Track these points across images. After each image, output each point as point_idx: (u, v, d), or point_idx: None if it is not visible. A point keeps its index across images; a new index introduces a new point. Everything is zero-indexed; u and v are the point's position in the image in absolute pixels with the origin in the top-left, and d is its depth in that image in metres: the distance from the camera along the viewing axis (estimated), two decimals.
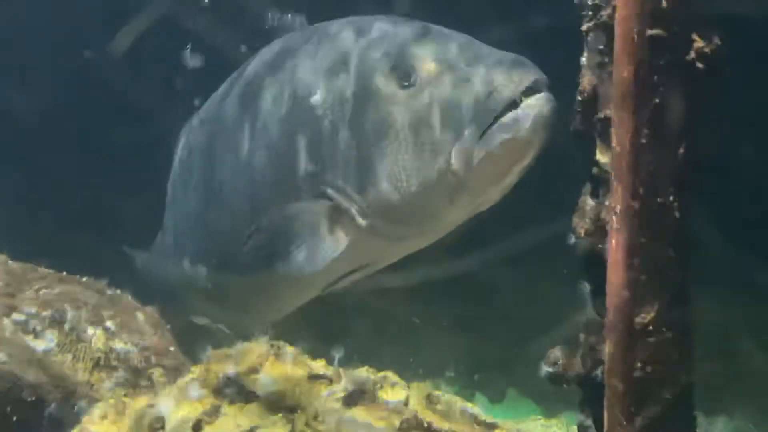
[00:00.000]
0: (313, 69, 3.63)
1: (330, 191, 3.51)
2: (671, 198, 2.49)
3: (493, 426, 2.90)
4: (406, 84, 3.35)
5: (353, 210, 3.47)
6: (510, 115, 3.16)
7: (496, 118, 3.18)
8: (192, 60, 4.57)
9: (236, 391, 2.71)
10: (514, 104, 3.17)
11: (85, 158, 6.05)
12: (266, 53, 3.99)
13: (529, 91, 3.15)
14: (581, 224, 2.84)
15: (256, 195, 3.80)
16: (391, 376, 2.85)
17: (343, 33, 3.64)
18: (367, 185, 3.40)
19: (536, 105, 3.14)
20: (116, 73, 5.71)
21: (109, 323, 3.49)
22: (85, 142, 6.06)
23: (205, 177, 4.15)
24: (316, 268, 3.55)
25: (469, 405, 2.94)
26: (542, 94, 3.15)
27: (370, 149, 3.38)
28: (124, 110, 5.69)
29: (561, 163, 3.15)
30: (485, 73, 3.22)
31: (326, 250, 3.53)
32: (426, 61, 3.34)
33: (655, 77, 2.42)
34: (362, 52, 3.51)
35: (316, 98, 3.56)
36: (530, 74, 3.17)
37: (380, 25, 3.58)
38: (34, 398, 3.02)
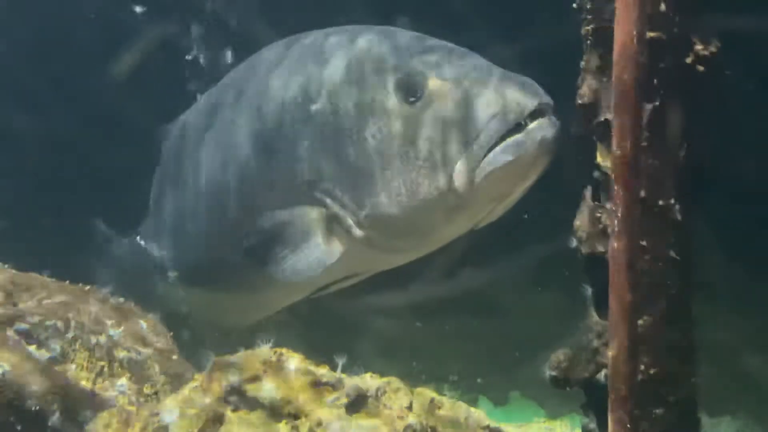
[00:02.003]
0: (315, 75, 3.62)
1: (327, 200, 3.51)
2: (672, 201, 2.50)
3: (496, 430, 2.90)
4: (412, 99, 3.35)
5: (349, 220, 3.47)
6: (515, 138, 3.16)
7: (501, 140, 3.18)
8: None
9: (240, 398, 2.70)
10: (519, 126, 3.17)
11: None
12: (266, 56, 3.97)
13: (535, 114, 3.16)
14: (583, 227, 2.85)
15: (250, 197, 3.80)
16: (395, 381, 2.84)
17: (349, 41, 3.62)
18: (365, 197, 3.40)
19: (541, 129, 3.15)
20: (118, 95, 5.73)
21: (112, 331, 3.48)
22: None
23: (200, 175, 4.15)
24: (309, 275, 3.56)
25: (473, 409, 2.94)
26: (547, 117, 3.16)
27: (370, 161, 3.38)
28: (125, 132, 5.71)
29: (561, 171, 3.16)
30: (492, 94, 3.21)
31: (320, 257, 3.53)
32: (433, 78, 3.33)
33: (655, 80, 2.43)
34: (368, 62, 3.50)
35: (317, 106, 3.55)
36: (536, 97, 3.17)
37: (387, 36, 3.56)
38: (38, 408, 3.01)
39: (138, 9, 5.21)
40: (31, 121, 5.92)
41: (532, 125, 3.15)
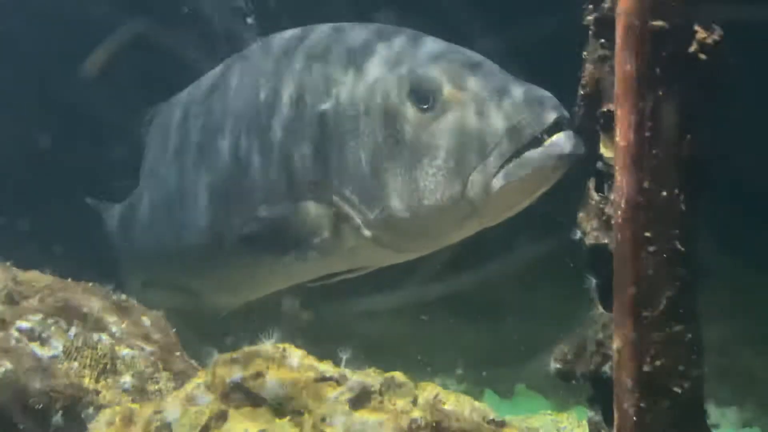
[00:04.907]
0: (329, 72, 3.60)
1: (335, 198, 3.52)
2: (676, 191, 2.47)
3: (502, 424, 2.88)
4: (425, 107, 3.33)
5: (358, 220, 3.48)
6: (531, 153, 3.16)
7: (517, 153, 3.17)
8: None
9: (243, 395, 2.69)
10: (535, 141, 3.16)
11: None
12: (276, 44, 3.94)
13: (552, 129, 3.14)
14: (586, 219, 2.83)
15: (255, 185, 3.80)
16: (399, 376, 2.82)
17: (365, 39, 3.59)
18: (375, 199, 3.40)
19: (558, 144, 3.13)
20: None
21: (114, 328, 3.47)
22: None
23: (203, 155, 4.14)
24: (311, 268, 3.59)
25: (478, 403, 2.93)
26: (564, 132, 3.14)
27: (381, 165, 3.38)
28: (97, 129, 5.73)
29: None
30: (509, 107, 3.19)
31: (325, 252, 3.56)
32: (448, 87, 3.31)
33: (658, 70, 2.40)
34: (383, 64, 3.48)
35: (326, 106, 3.54)
36: (554, 112, 3.16)
37: (404, 38, 3.54)
38: (40, 406, 3.01)
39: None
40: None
41: (549, 140, 3.14)
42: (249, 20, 4.10)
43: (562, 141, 3.13)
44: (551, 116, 3.15)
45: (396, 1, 4.38)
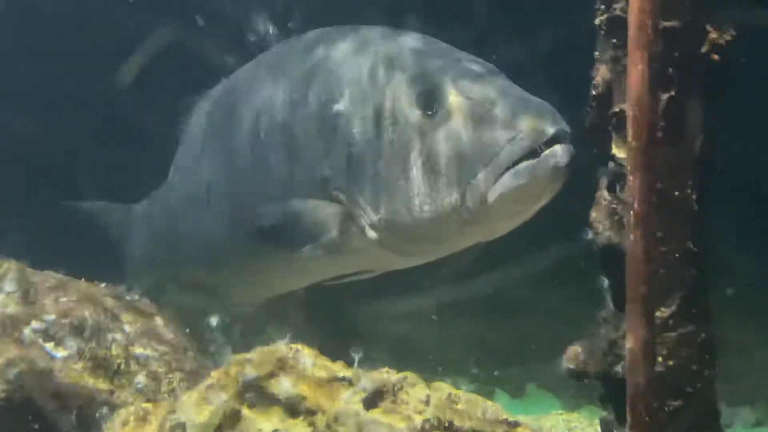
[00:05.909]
0: (341, 74, 3.64)
1: (343, 198, 3.55)
2: (689, 191, 2.48)
3: (514, 424, 2.88)
4: (430, 113, 3.36)
5: (363, 221, 3.51)
6: (529, 163, 3.17)
7: (515, 163, 3.18)
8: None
9: (256, 395, 2.70)
10: (534, 152, 3.17)
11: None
12: (296, 45, 3.98)
13: (551, 141, 3.16)
14: (599, 219, 2.83)
15: (270, 181, 3.83)
16: (411, 376, 2.83)
17: (379, 43, 3.63)
18: (379, 201, 3.44)
19: (555, 155, 3.15)
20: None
21: (128, 328, 3.49)
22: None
23: (224, 152, 4.18)
24: (321, 266, 3.61)
25: (490, 403, 2.93)
26: (562, 145, 3.15)
27: (386, 168, 3.41)
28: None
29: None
30: (510, 117, 3.21)
31: (332, 251, 3.58)
32: (453, 94, 3.34)
33: (670, 70, 2.41)
34: (394, 69, 3.51)
35: (339, 106, 3.57)
36: (553, 124, 3.17)
37: (416, 43, 3.58)
38: (55, 406, 3.03)
39: None
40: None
41: (547, 151, 3.15)
42: None
43: (558, 153, 3.15)
44: (551, 129, 3.17)
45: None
